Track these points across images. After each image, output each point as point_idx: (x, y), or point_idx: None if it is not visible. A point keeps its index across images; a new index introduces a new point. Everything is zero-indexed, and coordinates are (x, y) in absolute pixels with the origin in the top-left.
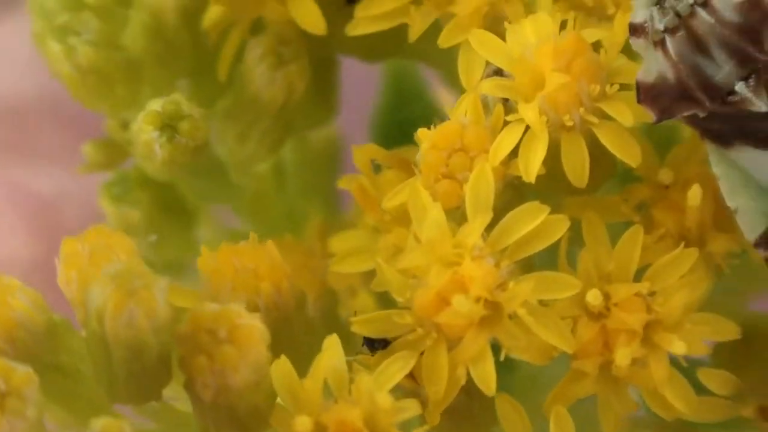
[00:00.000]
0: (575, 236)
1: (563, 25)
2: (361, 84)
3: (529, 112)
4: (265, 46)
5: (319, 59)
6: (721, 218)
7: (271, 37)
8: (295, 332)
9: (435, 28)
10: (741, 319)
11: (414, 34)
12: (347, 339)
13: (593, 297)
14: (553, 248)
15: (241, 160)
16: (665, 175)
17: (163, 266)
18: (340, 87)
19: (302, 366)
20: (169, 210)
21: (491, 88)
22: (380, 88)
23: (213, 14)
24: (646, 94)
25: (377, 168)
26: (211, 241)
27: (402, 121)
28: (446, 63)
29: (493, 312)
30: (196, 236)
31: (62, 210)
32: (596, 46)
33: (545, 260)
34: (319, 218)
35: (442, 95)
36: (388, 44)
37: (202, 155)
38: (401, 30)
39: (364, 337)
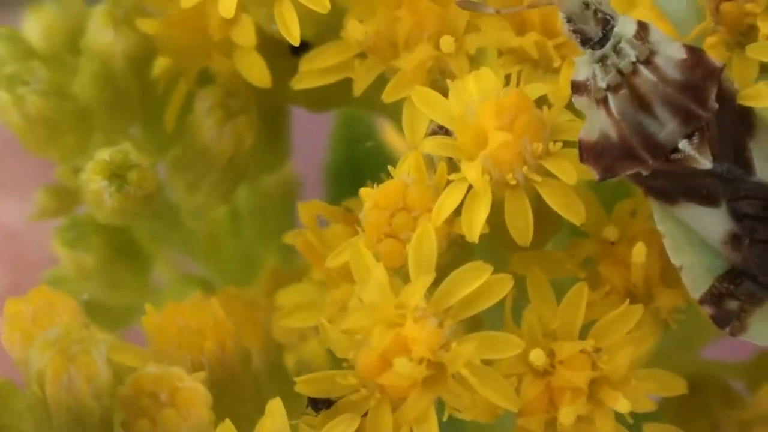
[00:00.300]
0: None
1: (509, 79)
2: (317, 125)
3: (471, 171)
4: (213, 98)
5: (269, 107)
6: (668, 273)
7: (218, 89)
8: (241, 389)
9: (382, 79)
10: (691, 369)
11: (358, 88)
12: (295, 393)
13: (536, 357)
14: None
15: (192, 207)
16: (610, 232)
17: (119, 310)
18: (290, 133)
19: (250, 422)
20: (123, 254)
21: (433, 146)
22: (331, 130)
23: (161, 64)
24: (589, 152)
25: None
26: (168, 285)
27: (353, 162)
28: (395, 113)
29: (436, 372)
30: (152, 280)
31: (27, 242)
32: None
33: (496, 315)
34: (272, 264)
35: (392, 136)
36: (335, 95)
37: (153, 203)
38: (349, 80)
39: (309, 397)
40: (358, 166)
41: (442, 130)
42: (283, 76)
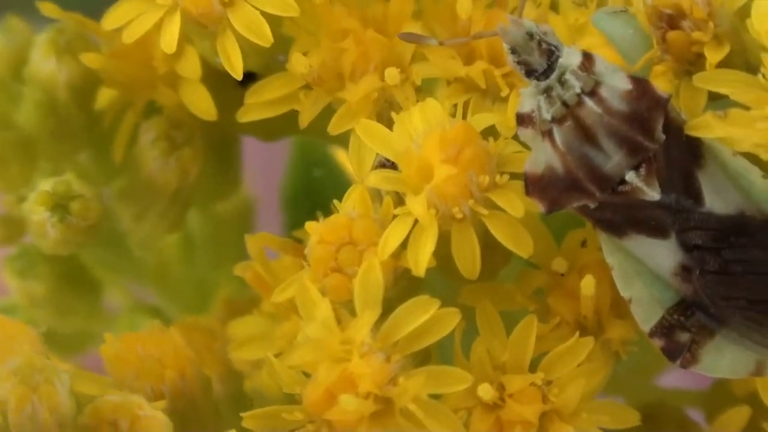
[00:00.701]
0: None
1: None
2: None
3: (416, 205)
4: (157, 130)
5: (219, 136)
6: (619, 305)
7: (163, 120)
8: (201, 417)
9: (331, 108)
10: (648, 397)
11: (304, 121)
12: None
13: (484, 391)
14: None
15: (140, 237)
16: (559, 264)
17: (71, 337)
18: (240, 161)
19: None
20: (72, 282)
21: (378, 180)
22: (288, 156)
23: (106, 94)
24: (534, 185)
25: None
26: (121, 312)
27: (310, 187)
28: (347, 141)
29: (384, 407)
30: (107, 306)
31: None
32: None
33: (449, 347)
34: (227, 291)
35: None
36: (285, 125)
37: (98, 233)
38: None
39: None
40: (315, 191)
41: (389, 163)
42: (232, 107)
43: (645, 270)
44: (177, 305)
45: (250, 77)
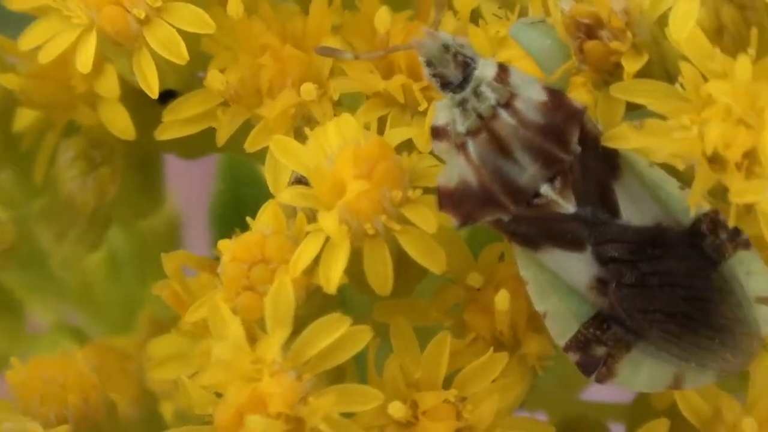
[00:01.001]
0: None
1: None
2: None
3: (328, 222)
4: (75, 149)
5: (141, 154)
6: (536, 320)
7: (82, 140)
8: None
9: (251, 125)
10: (570, 410)
11: (222, 138)
12: None
13: (395, 410)
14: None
15: (61, 257)
16: (474, 279)
17: None
18: (163, 179)
19: None
20: None
21: (291, 196)
22: (215, 172)
23: (25, 116)
24: (448, 199)
25: None
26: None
27: (237, 203)
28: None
29: (296, 426)
30: (33, 326)
31: None
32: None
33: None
34: (153, 308)
35: None
36: (205, 142)
37: (15, 255)
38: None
39: None
40: (243, 209)
41: (305, 180)
42: (152, 125)
43: (560, 283)
44: (103, 324)
45: (169, 95)
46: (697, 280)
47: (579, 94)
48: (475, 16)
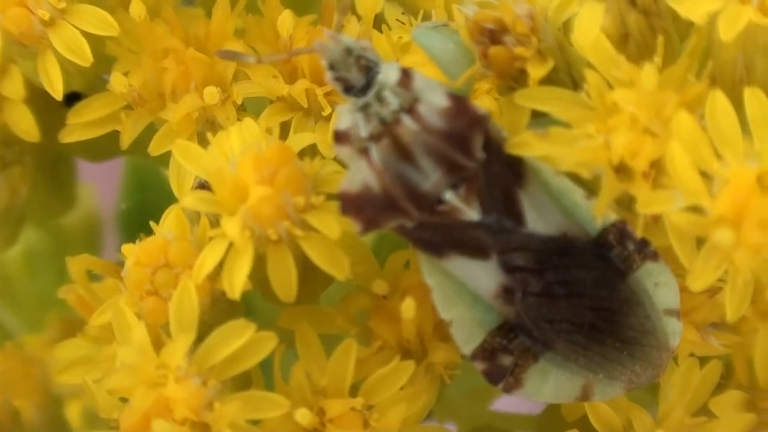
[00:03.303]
0: None
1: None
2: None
3: (231, 227)
4: None
5: (50, 155)
6: (444, 328)
7: None
8: None
9: (155, 129)
10: (480, 421)
11: (125, 141)
12: None
13: (302, 417)
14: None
15: None
16: (379, 287)
17: None
18: (74, 180)
19: None
20: None
21: (193, 201)
22: (121, 178)
23: None
24: (350, 205)
25: None
26: None
27: (144, 209)
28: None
29: None
30: None
31: None
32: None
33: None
34: (58, 311)
35: None
36: (109, 146)
37: None
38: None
39: None
40: (149, 213)
41: (208, 185)
42: (59, 127)
43: (466, 292)
44: (20, 319)
45: (75, 97)
46: (605, 291)
47: (483, 101)
48: (379, 22)
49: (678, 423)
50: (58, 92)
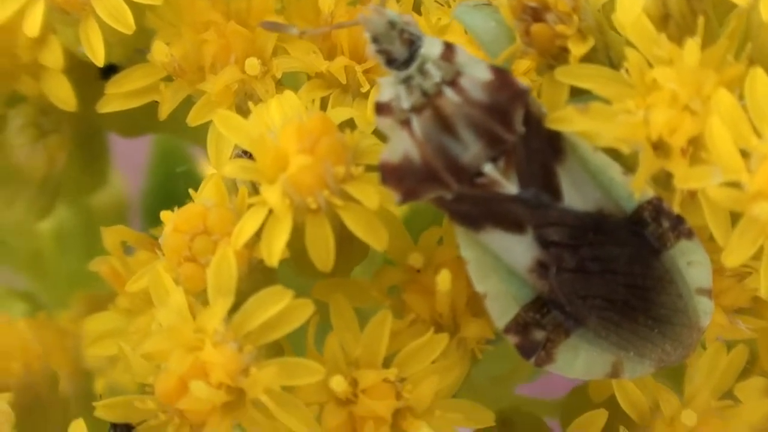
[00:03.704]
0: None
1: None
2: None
3: (271, 195)
4: (25, 116)
5: (84, 130)
6: (476, 303)
7: (31, 107)
8: (47, 412)
9: (192, 103)
10: (504, 404)
11: (164, 112)
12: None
13: (337, 384)
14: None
15: (10, 223)
16: (415, 259)
17: None
18: (107, 156)
19: None
20: None
21: (233, 169)
22: (149, 158)
23: None
24: (390, 175)
25: None
26: None
27: (170, 189)
28: (204, 140)
29: (236, 397)
30: None
31: None
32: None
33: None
34: (86, 288)
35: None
36: (146, 120)
37: None
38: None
39: (111, 423)
40: (175, 193)
41: (246, 155)
42: (95, 100)
43: (501, 265)
44: (50, 295)
45: (113, 70)
46: (638, 268)
47: (522, 77)
48: (417, 5)
49: (704, 405)
50: (99, 59)
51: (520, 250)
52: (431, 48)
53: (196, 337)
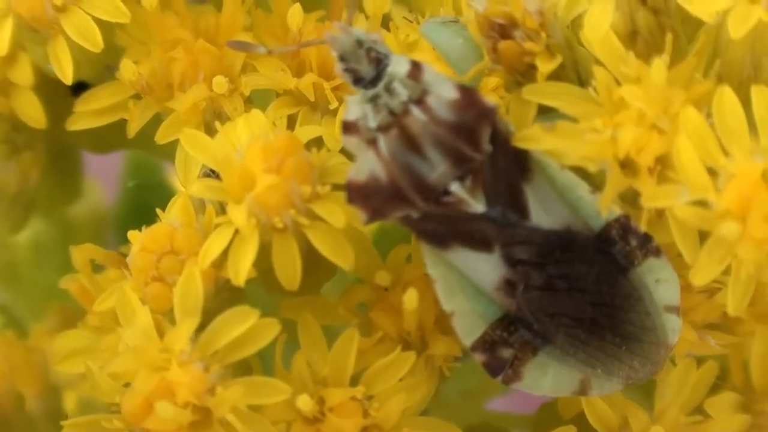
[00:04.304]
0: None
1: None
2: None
3: (237, 214)
4: None
5: (57, 145)
6: (445, 321)
7: (4, 123)
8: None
9: (161, 120)
10: (475, 419)
11: (132, 130)
12: None
13: (303, 403)
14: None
15: None
16: (382, 278)
17: None
18: (80, 171)
19: None
20: None
21: (200, 189)
22: (121, 173)
23: None
24: (357, 194)
25: None
26: None
27: (142, 205)
28: (174, 156)
29: (203, 417)
30: None
31: None
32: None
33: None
34: (59, 302)
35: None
36: (115, 137)
37: None
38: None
39: None
40: (147, 209)
41: (214, 174)
42: (65, 116)
43: (468, 284)
44: (25, 307)
45: (82, 87)
46: (606, 286)
47: (489, 98)
48: (386, 21)
49: (673, 421)
50: (68, 77)
51: (487, 268)
52: (398, 66)
53: (163, 357)
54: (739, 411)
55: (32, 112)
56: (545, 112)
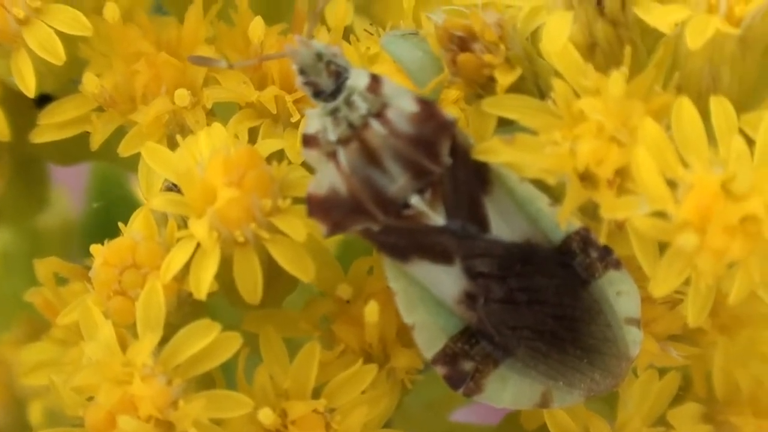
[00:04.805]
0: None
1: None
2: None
3: (198, 229)
4: None
5: (22, 157)
6: (406, 333)
7: None
8: None
9: (125, 133)
10: (439, 430)
11: (95, 142)
12: None
13: (265, 416)
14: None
15: None
16: (343, 290)
17: None
18: (46, 182)
19: None
20: None
21: (161, 203)
22: (86, 184)
23: None
24: (317, 207)
25: None
26: None
27: (108, 217)
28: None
29: (166, 430)
30: None
31: None
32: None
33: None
34: (26, 315)
35: None
36: (79, 149)
37: None
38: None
39: None
40: (112, 222)
41: (176, 187)
42: (29, 129)
43: (429, 296)
44: None
45: (46, 99)
46: (566, 299)
47: (450, 111)
48: (347, 33)
49: None
50: (30, 90)
51: (448, 281)
52: (358, 80)
53: (125, 371)
54: (701, 422)
55: None
56: (505, 125)
